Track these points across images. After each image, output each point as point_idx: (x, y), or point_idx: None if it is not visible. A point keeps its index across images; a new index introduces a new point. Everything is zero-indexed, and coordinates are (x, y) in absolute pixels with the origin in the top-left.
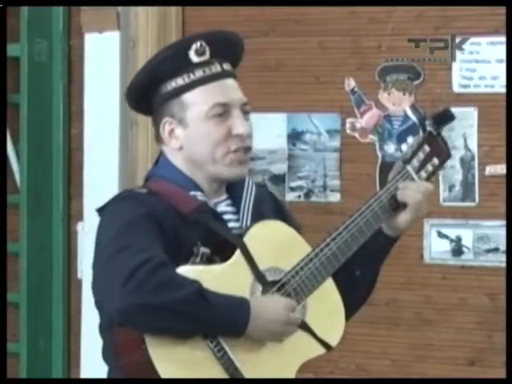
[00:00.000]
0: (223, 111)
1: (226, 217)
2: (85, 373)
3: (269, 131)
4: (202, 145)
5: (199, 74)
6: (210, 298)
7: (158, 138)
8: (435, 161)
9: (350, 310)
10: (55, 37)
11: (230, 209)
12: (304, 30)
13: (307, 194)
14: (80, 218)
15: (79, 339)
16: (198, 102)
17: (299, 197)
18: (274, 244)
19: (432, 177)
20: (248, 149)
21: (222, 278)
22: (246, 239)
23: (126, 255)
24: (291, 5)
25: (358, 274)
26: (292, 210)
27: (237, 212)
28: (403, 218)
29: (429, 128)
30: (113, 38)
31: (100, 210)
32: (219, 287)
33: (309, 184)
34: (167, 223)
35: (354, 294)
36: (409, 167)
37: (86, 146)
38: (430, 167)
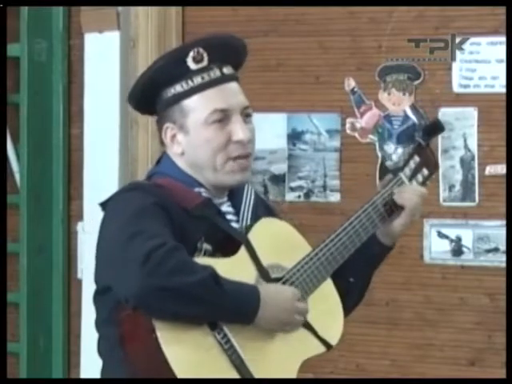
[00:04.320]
0: (223, 117)
1: (227, 217)
2: (85, 373)
3: (269, 131)
4: (202, 151)
5: (197, 80)
6: (223, 283)
7: (162, 142)
8: (425, 171)
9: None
10: (55, 37)
11: (231, 209)
12: (304, 29)
13: (307, 194)
14: (80, 218)
15: (79, 339)
16: (197, 108)
17: (299, 197)
18: (277, 241)
19: (423, 186)
20: (249, 155)
21: (227, 271)
22: (250, 236)
23: (139, 240)
24: (291, 5)
25: (351, 280)
26: (292, 210)
27: (237, 213)
28: (398, 222)
29: (418, 139)
30: (113, 38)
31: (105, 203)
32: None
33: (309, 184)
34: (174, 215)
35: (347, 300)
36: (402, 174)
37: (86, 145)
38: (420, 177)
